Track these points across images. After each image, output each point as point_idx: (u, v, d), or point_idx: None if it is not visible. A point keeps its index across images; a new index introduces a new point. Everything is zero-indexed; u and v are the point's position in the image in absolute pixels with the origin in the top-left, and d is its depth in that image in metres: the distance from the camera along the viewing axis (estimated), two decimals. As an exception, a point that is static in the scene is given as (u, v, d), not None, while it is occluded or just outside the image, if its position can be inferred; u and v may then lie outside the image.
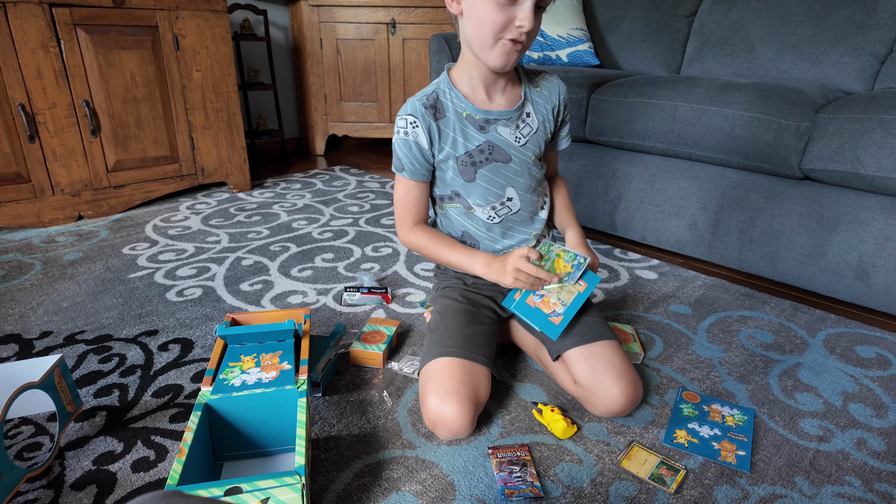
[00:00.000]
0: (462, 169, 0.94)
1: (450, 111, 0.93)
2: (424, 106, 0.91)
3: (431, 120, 0.91)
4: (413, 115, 0.92)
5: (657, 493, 0.78)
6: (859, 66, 1.55)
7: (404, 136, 0.93)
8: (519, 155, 0.96)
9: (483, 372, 0.89)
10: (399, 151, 0.94)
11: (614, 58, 2.10)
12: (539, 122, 0.98)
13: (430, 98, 0.92)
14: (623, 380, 0.88)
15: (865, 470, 0.83)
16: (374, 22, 2.63)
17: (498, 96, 0.94)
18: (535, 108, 0.97)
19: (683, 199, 1.53)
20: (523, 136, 0.96)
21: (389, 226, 1.85)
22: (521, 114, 0.96)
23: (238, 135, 2.16)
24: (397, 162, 0.96)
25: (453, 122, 0.93)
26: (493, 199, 0.97)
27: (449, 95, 0.93)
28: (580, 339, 0.93)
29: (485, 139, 0.94)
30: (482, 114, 0.93)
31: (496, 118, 0.94)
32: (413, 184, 0.97)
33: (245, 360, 0.87)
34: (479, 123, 0.93)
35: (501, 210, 0.98)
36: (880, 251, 1.22)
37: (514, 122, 0.95)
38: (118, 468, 0.82)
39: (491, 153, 0.94)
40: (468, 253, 0.96)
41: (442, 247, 0.97)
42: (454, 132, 0.93)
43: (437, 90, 0.94)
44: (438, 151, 0.93)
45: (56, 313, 1.25)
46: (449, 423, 0.83)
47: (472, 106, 0.93)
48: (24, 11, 1.60)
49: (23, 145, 1.68)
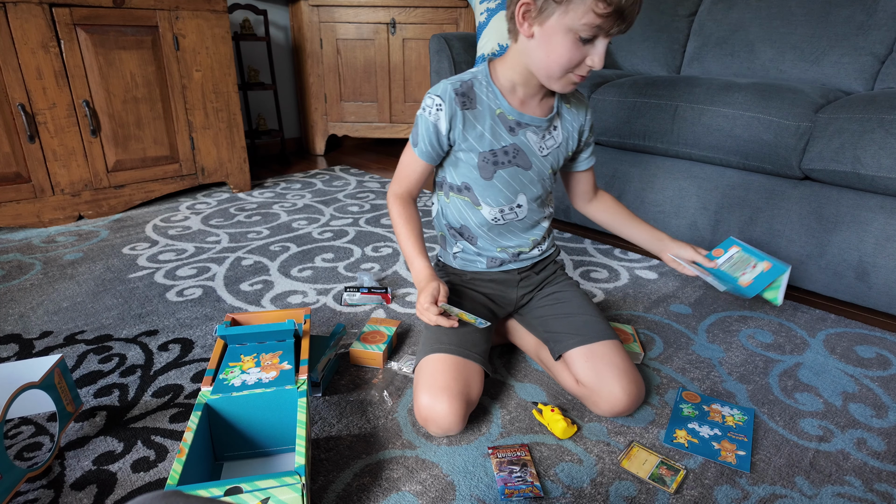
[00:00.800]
0: (482, 165, 0.93)
1: (483, 104, 0.90)
2: (455, 91, 0.89)
3: (458, 107, 0.89)
4: (441, 98, 0.89)
5: (657, 493, 0.78)
6: (859, 66, 1.55)
7: (427, 116, 0.90)
8: (539, 164, 0.95)
9: (476, 369, 0.89)
10: (420, 126, 0.92)
11: (614, 58, 2.10)
12: (563, 137, 0.97)
13: (464, 84, 0.90)
14: (626, 379, 0.88)
15: (865, 470, 0.83)
16: (374, 22, 2.63)
17: (533, 103, 0.93)
18: (563, 123, 0.97)
19: (683, 199, 1.53)
20: (547, 148, 0.95)
21: (389, 226, 1.85)
22: (550, 125, 0.95)
23: (238, 135, 2.16)
24: (414, 136, 0.94)
25: (484, 116, 0.90)
26: (504, 202, 0.96)
27: (485, 88, 0.91)
28: (582, 339, 0.93)
29: (512, 141, 0.92)
30: (516, 115, 0.91)
31: (528, 123, 0.92)
32: (419, 161, 0.95)
33: (245, 360, 0.87)
34: (511, 124, 0.92)
35: (508, 215, 0.98)
36: (880, 251, 1.22)
37: (543, 131, 0.94)
38: (118, 468, 0.82)
39: (515, 156, 0.93)
40: (415, 253, 0.94)
41: (404, 230, 0.96)
42: (483, 126, 0.91)
43: (474, 79, 0.91)
44: (462, 141, 0.91)
45: (56, 313, 1.25)
46: (439, 419, 0.83)
47: (507, 105, 0.91)
48: (24, 11, 1.60)
49: (23, 145, 1.68)
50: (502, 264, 1.03)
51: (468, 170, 0.94)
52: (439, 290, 0.88)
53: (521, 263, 1.04)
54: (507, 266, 1.03)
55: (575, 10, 0.76)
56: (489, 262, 1.03)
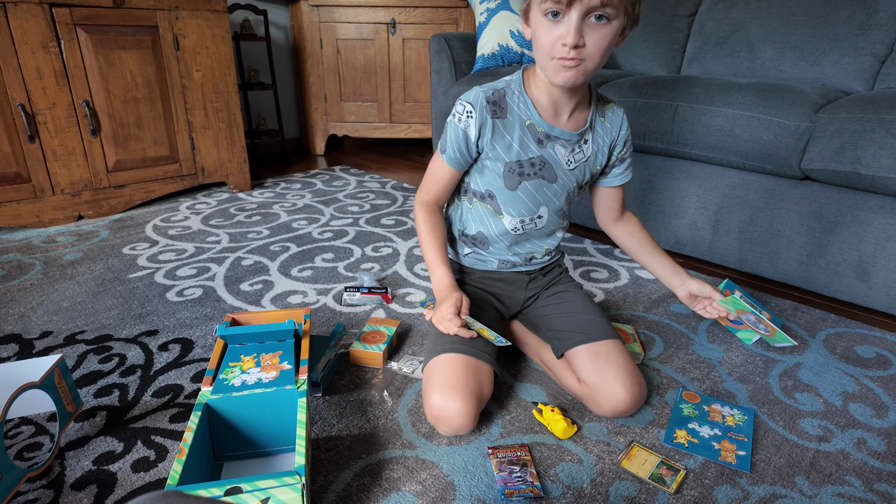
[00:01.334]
0: (507, 175, 0.93)
1: (513, 115, 0.90)
2: (487, 100, 0.89)
3: (488, 115, 0.89)
4: (472, 106, 0.89)
5: (657, 493, 0.78)
6: (859, 66, 1.55)
7: (457, 123, 0.91)
8: (564, 178, 0.95)
9: (486, 369, 0.89)
10: (449, 134, 0.92)
11: (614, 58, 2.10)
12: (593, 151, 0.96)
13: (496, 93, 0.90)
14: (629, 379, 0.88)
15: (865, 470, 0.83)
16: (374, 22, 2.63)
17: (564, 116, 0.91)
18: (594, 136, 0.96)
19: (683, 199, 1.53)
20: (574, 161, 0.95)
21: (390, 226, 1.85)
22: (581, 139, 0.94)
23: (238, 135, 2.16)
24: (443, 142, 0.94)
25: (513, 127, 0.90)
26: (525, 213, 0.96)
27: (517, 98, 0.90)
28: (585, 338, 0.93)
29: (539, 153, 0.92)
30: (546, 128, 0.91)
31: (557, 136, 0.92)
32: (447, 168, 0.95)
33: (245, 360, 0.87)
34: (540, 136, 0.91)
35: (528, 225, 0.98)
36: (880, 251, 1.22)
37: (572, 145, 0.93)
38: (118, 468, 0.82)
39: (541, 169, 0.93)
40: (437, 262, 0.95)
41: (428, 238, 0.96)
42: (512, 137, 0.91)
43: (507, 88, 0.91)
44: (490, 149, 0.91)
45: (56, 313, 1.25)
46: (451, 419, 0.83)
47: (537, 117, 0.90)
48: (24, 11, 1.60)
49: (23, 145, 1.68)
50: (514, 266, 1.04)
51: (493, 178, 0.94)
52: (462, 302, 0.88)
53: (531, 266, 1.05)
54: (519, 268, 1.04)
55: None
56: (500, 264, 1.03)
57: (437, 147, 0.96)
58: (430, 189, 0.98)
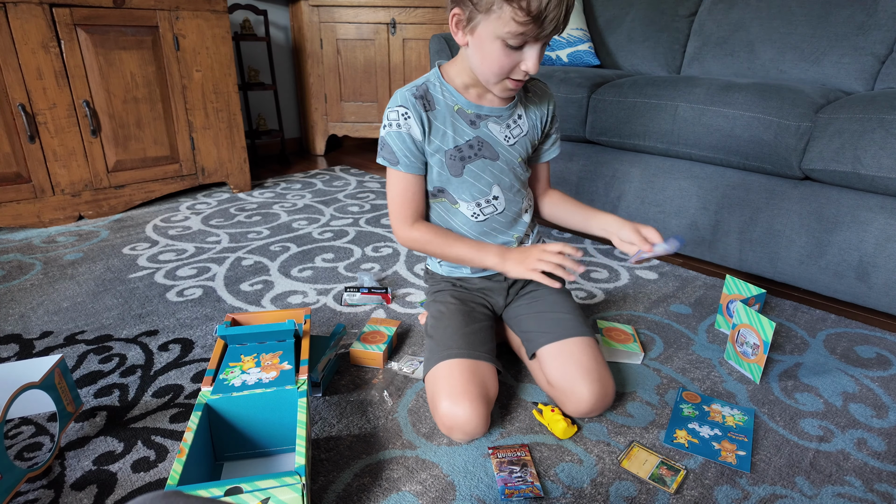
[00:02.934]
0: (450, 163, 0.93)
1: (440, 104, 0.91)
2: (415, 96, 0.89)
3: (422, 110, 0.89)
4: (404, 106, 0.89)
5: (657, 494, 0.78)
6: (859, 66, 1.55)
7: (397, 129, 0.90)
8: (507, 154, 0.96)
9: (489, 369, 0.89)
10: (392, 144, 0.91)
11: (614, 58, 2.10)
12: (529, 125, 0.98)
13: (419, 89, 0.90)
14: (590, 378, 0.87)
15: (866, 470, 0.83)
16: (374, 22, 2.63)
17: (490, 95, 0.92)
18: (527, 112, 0.97)
19: (683, 199, 1.53)
20: (513, 137, 0.96)
21: (389, 226, 1.85)
22: (513, 114, 0.95)
23: (238, 135, 2.16)
24: (390, 156, 0.92)
25: (444, 116, 0.91)
26: (478, 195, 0.96)
27: (440, 89, 0.91)
28: (552, 336, 0.92)
29: (475, 134, 0.93)
30: (474, 108, 0.92)
31: (487, 114, 0.93)
32: (409, 177, 0.94)
33: (245, 360, 0.87)
34: (471, 118, 0.92)
35: (487, 208, 0.97)
36: (881, 251, 1.22)
37: (505, 120, 0.94)
38: (118, 468, 0.82)
39: (480, 149, 0.94)
40: (478, 245, 0.95)
41: (448, 241, 0.95)
42: (444, 125, 0.91)
43: (427, 83, 0.92)
44: (428, 144, 0.91)
45: (56, 313, 1.25)
46: (464, 424, 0.82)
47: (463, 100, 0.91)
48: (24, 11, 1.60)
49: (23, 145, 1.68)
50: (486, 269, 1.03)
51: (438, 172, 0.94)
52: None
53: None
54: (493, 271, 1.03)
55: (498, 18, 0.76)
56: (473, 268, 1.02)
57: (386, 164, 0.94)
58: (406, 211, 0.95)
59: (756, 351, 1.02)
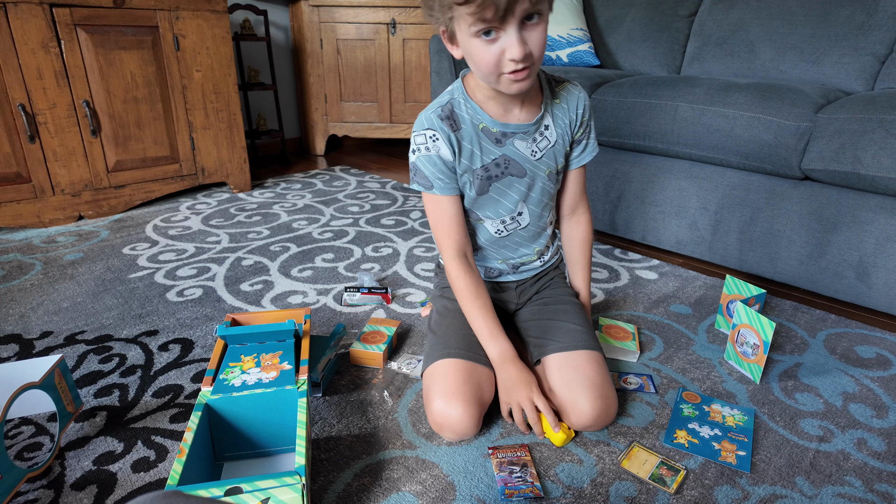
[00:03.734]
0: (477, 183, 0.91)
1: (466, 123, 0.88)
2: (440, 118, 0.87)
3: (450, 131, 0.87)
4: (432, 129, 0.87)
5: (657, 494, 0.78)
6: (859, 67, 1.55)
7: (426, 153, 0.87)
8: (534, 169, 0.92)
9: (486, 373, 0.89)
10: (424, 169, 0.88)
11: (614, 58, 2.10)
12: (558, 135, 0.93)
13: (444, 109, 0.88)
14: (594, 393, 0.85)
15: (866, 470, 0.83)
16: (374, 22, 2.63)
17: (516, 109, 0.89)
18: (555, 120, 0.92)
19: (683, 199, 1.53)
20: (539, 150, 0.92)
21: (390, 226, 1.85)
22: (539, 127, 0.91)
23: (238, 135, 2.16)
24: (423, 181, 0.89)
25: (470, 135, 0.88)
26: (504, 213, 0.95)
27: (464, 107, 0.88)
28: (559, 346, 0.92)
29: (501, 153, 0.90)
30: (500, 126, 0.88)
31: (513, 132, 0.89)
32: (445, 199, 0.90)
33: (245, 360, 0.87)
34: (496, 136, 0.89)
35: (511, 224, 0.96)
36: (881, 251, 1.22)
37: (531, 135, 0.90)
38: (118, 468, 0.82)
39: (507, 167, 0.91)
40: (494, 332, 0.90)
41: (476, 305, 0.91)
42: (471, 145, 0.88)
43: (452, 101, 0.89)
44: (458, 165, 0.89)
45: (56, 313, 1.25)
46: (455, 424, 0.83)
47: (488, 118, 0.88)
48: (24, 11, 1.60)
49: (23, 145, 1.68)
50: (500, 275, 1.02)
51: (466, 191, 0.92)
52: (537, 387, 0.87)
53: (519, 276, 1.04)
54: (505, 277, 1.03)
55: (460, 18, 0.74)
56: (486, 272, 1.02)
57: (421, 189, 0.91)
58: (448, 236, 0.92)
59: (756, 351, 1.02)
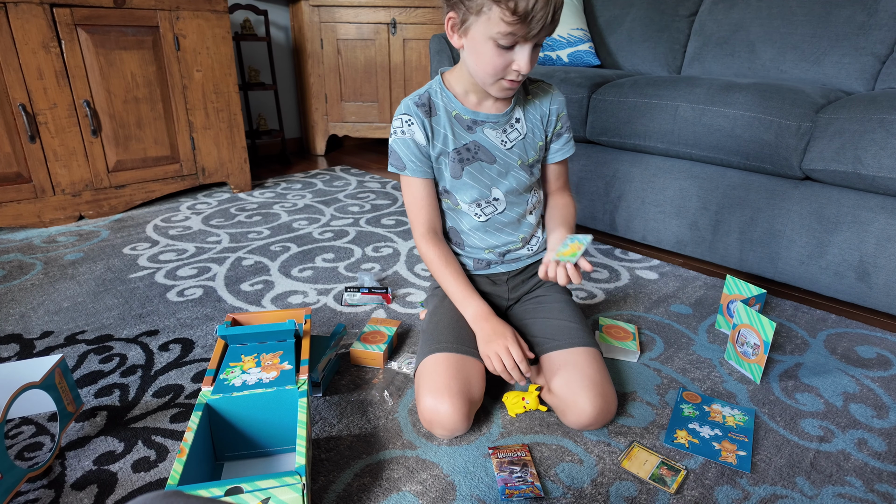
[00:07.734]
0: (451, 165, 0.96)
1: (441, 110, 0.95)
2: (417, 104, 0.94)
3: (424, 117, 0.93)
4: (407, 114, 0.94)
5: (658, 494, 0.78)
6: (860, 66, 1.55)
7: (401, 136, 0.95)
8: (504, 158, 0.97)
9: (475, 365, 0.89)
10: (398, 151, 0.96)
11: (615, 58, 2.10)
12: (528, 129, 0.99)
13: (421, 97, 0.95)
14: (594, 391, 0.85)
15: (866, 470, 0.83)
16: (374, 22, 2.63)
17: (488, 102, 0.95)
18: (526, 115, 0.98)
19: (684, 199, 1.53)
20: (510, 141, 0.97)
21: (390, 226, 1.85)
22: (510, 119, 0.97)
23: (239, 135, 2.16)
24: (397, 162, 0.96)
25: (444, 121, 0.94)
26: (478, 196, 0.98)
27: (440, 95, 0.95)
28: (557, 344, 0.92)
29: (472, 139, 0.96)
30: (470, 114, 0.95)
31: (483, 120, 0.95)
32: (417, 181, 0.97)
33: (245, 360, 0.87)
34: (467, 123, 0.95)
35: (487, 209, 0.99)
36: (881, 251, 1.22)
37: (502, 126, 0.96)
38: (119, 468, 0.82)
39: (476, 152, 0.96)
40: (466, 292, 0.95)
41: (447, 272, 0.97)
42: (445, 129, 0.94)
43: (430, 90, 0.96)
44: (432, 149, 0.95)
45: (57, 313, 1.25)
46: (444, 420, 0.83)
47: (461, 106, 0.94)
48: (24, 11, 1.60)
49: (24, 145, 1.68)
50: (489, 266, 1.03)
51: (444, 173, 0.97)
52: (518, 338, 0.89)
53: (508, 266, 1.04)
54: (495, 269, 1.03)
55: (488, 19, 0.79)
56: (475, 264, 1.03)
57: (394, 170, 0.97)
58: (419, 215, 0.99)
59: (756, 351, 1.02)
